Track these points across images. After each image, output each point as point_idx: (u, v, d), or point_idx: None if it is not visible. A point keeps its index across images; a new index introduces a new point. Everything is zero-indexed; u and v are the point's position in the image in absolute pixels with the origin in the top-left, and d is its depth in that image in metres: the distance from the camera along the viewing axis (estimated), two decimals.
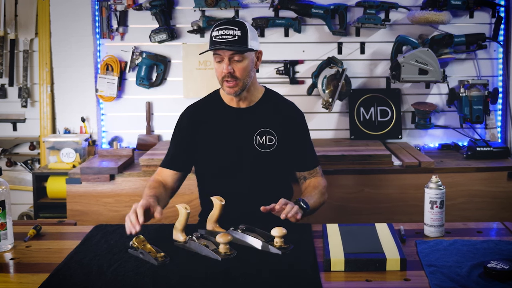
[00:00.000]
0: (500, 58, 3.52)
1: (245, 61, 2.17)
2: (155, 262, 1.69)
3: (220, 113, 2.32)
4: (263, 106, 2.32)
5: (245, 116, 2.29)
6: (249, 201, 2.17)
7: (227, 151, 2.28)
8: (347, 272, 1.65)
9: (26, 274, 1.69)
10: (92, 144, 3.50)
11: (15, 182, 3.67)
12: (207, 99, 2.39)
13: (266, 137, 2.27)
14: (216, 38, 2.14)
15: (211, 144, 2.29)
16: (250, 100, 2.30)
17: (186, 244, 1.83)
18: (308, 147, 2.39)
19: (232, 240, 1.85)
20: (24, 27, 3.58)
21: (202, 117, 2.33)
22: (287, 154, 2.31)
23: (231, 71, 2.15)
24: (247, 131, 2.28)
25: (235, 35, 2.13)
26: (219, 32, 2.14)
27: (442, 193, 1.92)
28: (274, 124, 2.29)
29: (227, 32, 2.13)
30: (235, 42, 2.13)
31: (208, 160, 2.32)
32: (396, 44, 3.40)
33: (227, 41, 2.12)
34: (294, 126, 2.34)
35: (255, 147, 2.26)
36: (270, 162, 2.28)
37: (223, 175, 2.29)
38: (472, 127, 3.54)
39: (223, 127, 2.30)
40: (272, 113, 2.31)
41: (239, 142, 2.27)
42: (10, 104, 3.63)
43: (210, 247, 1.79)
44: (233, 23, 2.17)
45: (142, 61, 3.49)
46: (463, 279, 1.58)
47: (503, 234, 1.97)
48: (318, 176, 2.38)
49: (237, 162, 2.27)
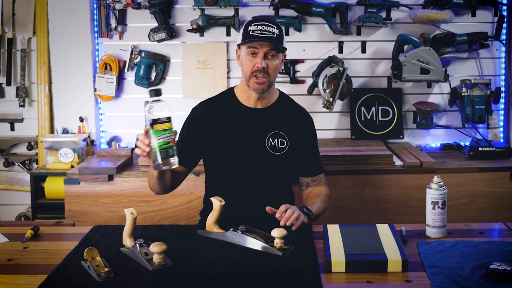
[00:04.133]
0: (503, 57, 3.51)
1: (277, 59, 2.21)
2: (96, 278, 1.62)
3: (234, 111, 2.31)
4: (278, 108, 2.33)
5: (260, 117, 2.30)
6: (254, 203, 2.19)
7: (238, 150, 2.28)
8: (348, 273, 1.65)
9: (24, 275, 1.69)
10: (91, 144, 3.48)
11: (12, 182, 3.65)
12: (222, 96, 2.39)
13: (278, 139, 2.27)
14: (254, 32, 2.15)
15: (222, 142, 2.29)
16: (267, 101, 2.31)
17: (131, 249, 1.78)
18: (315, 153, 2.42)
19: (232, 241, 1.84)
20: (22, 26, 3.55)
21: (215, 113, 2.32)
22: (296, 158, 2.32)
23: (265, 66, 2.16)
24: (260, 132, 2.28)
25: (274, 32, 2.16)
26: (258, 27, 2.16)
27: (444, 194, 1.92)
28: (287, 128, 2.30)
29: (266, 28, 2.16)
30: (274, 39, 2.16)
31: (217, 158, 2.32)
32: (397, 43, 3.39)
33: (267, 37, 2.15)
34: (305, 131, 2.36)
35: (267, 149, 2.27)
36: (279, 165, 2.29)
37: (232, 174, 2.30)
38: (474, 127, 3.52)
39: (236, 126, 2.29)
40: (286, 117, 2.32)
41: (251, 142, 2.28)
42: (8, 103, 3.61)
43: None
44: (271, 21, 2.20)
45: (141, 60, 3.48)
46: (465, 280, 1.57)
47: (506, 235, 1.96)
48: (321, 185, 2.39)
49: (247, 162, 2.28)
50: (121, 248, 1.82)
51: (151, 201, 2.94)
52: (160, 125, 1.81)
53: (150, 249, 1.68)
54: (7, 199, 3.66)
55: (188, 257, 1.77)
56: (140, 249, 1.73)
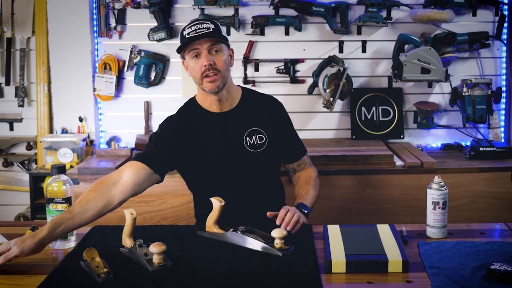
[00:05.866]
0: (504, 56, 3.49)
1: (223, 53, 2.12)
2: (96, 278, 1.61)
3: (204, 120, 2.22)
4: (245, 106, 2.26)
5: (231, 119, 2.22)
6: (245, 204, 2.17)
7: (219, 158, 2.21)
8: (348, 274, 1.64)
9: (23, 276, 1.68)
10: (90, 144, 3.47)
11: (11, 182, 3.65)
12: (186, 108, 2.29)
13: (256, 136, 2.22)
14: (190, 34, 2.08)
15: (200, 153, 2.21)
16: (231, 102, 2.23)
17: (131, 249, 1.77)
18: (294, 137, 2.37)
19: (232, 241, 1.84)
20: (21, 26, 3.55)
21: (185, 127, 2.21)
22: (277, 149, 2.28)
23: (212, 62, 2.08)
24: (235, 134, 2.22)
25: (209, 27, 2.09)
26: (192, 28, 2.09)
27: (445, 194, 1.91)
28: (261, 122, 2.24)
29: (200, 26, 2.08)
30: (211, 34, 2.08)
31: (199, 170, 2.24)
32: (398, 42, 3.38)
33: (203, 33, 2.07)
34: (278, 119, 2.30)
35: (247, 149, 2.21)
36: (263, 161, 2.24)
37: (216, 182, 2.24)
38: (475, 126, 3.51)
39: (210, 135, 2.21)
40: (256, 111, 2.26)
41: (229, 147, 2.21)
42: (7, 103, 3.61)
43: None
44: (203, 19, 2.14)
45: (140, 60, 3.47)
46: (466, 281, 1.57)
47: (507, 235, 1.96)
48: (307, 167, 2.36)
49: (230, 167, 2.22)
50: (120, 248, 1.81)
51: (151, 201, 2.94)
52: (56, 205, 1.84)
53: (150, 250, 1.67)
54: (6, 199, 3.65)
55: (187, 257, 1.76)
56: (139, 250, 1.73)
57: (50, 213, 1.86)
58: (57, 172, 1.88)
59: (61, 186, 1.87)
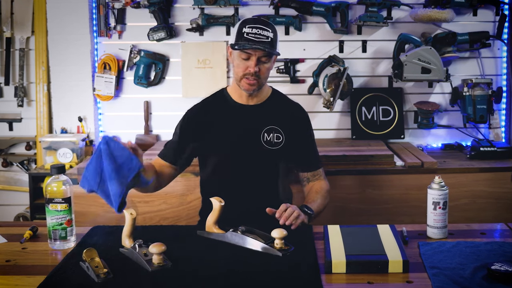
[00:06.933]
0: (504, 56, 3.49)
1: (270, 63, 2.22)
2: (95, 279, 1.61)
3: (228, 110, 2.32)
4: (271, 104, 2.34)
5: (253, 113, 2.31)
6: (252, 199, 2.21)
7: (234, 147, 2.28)
8: (349, 274, 1.64)
9: (23, 276, 1.68)
10: (90, 144, 3.47)
11: (11, 183, 3.64)
12: (215, 97, 2.40)
13: (273, 134, 2.28)
14: (249, 35, 2.14)
15: (217, 140, 2.29)
16: (259, 98, 2.32)
17: (130, 250, 1.77)
18: (313, 148, 2.42)
19: (232, 241, 1.83)
20: (20, 25, 3.54)
21: (209, 113, 2.33)
22: (293, 153, 2.32)
23: (257, 70, 2.17)
24: (254, 128, 2.29)
25: (269, 37, 2.16)
26: (253, 31, 2.14)
27: (445, 194, 1.91)
28: (281, 122, 2.31)
29: (261, 32, 2.15)
30: (268, 44, 2.15)
31: (214, 157, 2.32)
32: (398, 42, 3.38)
33: (261, 41, 2.14)
34: (300, 126, 2.37)
35: (262, 144, 2.27)
36: (276, 160, 2.30)
37: (229, 171, 2.30)
38: (475, 126, 3.50)
39: (231, 123, 2.30)
40: (280, 112, 2.34)
41: (246, 138, 2.28)
42: (6, 103, 3.60)
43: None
44: (266, 23, 2.19)
45: (140, 60, 3.47)
46: (466, 281, 1.56)
47: (507, 236, 1.96)
48: (321, 179, 2.40)
49: (244, 158, 2.28)
50: (120, 248, 1.81)
51: (151, 201, 2.93)
52: (56, 205, 1.84)
53: (150, 250, 1.67)
54: (5, 200, 3.65)
55: (187, 257, 1.76)
56: (139, 250, 1.72)
57: (49, 213, 1.85)
58: (57, 172, 1.87)
59: (61, 186, 1.86)
